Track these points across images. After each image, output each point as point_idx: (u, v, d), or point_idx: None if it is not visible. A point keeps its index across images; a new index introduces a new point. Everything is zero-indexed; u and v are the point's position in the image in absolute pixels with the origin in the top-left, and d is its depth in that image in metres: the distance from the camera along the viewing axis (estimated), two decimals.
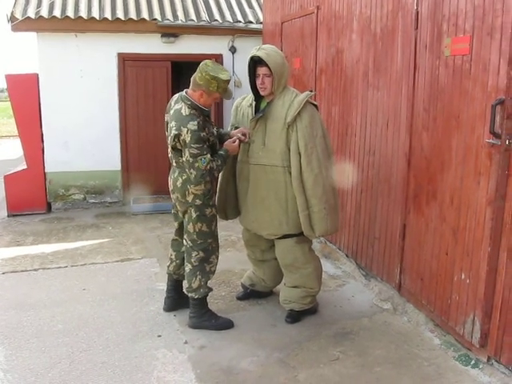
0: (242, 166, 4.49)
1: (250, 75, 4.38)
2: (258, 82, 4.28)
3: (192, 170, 4.04)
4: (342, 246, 5.94)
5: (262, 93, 4.33)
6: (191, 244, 4.33)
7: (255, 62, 4.28)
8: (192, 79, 4.13)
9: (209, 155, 4.04)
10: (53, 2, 8.27)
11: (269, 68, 4.17)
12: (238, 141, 4.29)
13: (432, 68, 4.15)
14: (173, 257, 4.67)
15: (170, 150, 4.25)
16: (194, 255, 4.33)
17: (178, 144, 4.09)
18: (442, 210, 4.10)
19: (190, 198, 4.21)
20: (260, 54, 4.18)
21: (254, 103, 4.44)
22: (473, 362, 3.83)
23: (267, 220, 4.39)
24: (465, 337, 3.89)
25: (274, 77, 4.20)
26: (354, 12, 5.38)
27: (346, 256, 5.83)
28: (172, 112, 4.15)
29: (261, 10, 9.04)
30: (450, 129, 3.97)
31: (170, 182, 4.36)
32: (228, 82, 4.11)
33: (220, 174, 4.53)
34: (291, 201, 4.26)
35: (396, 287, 4.81)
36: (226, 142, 4.32)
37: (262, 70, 4.23)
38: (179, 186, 4.23)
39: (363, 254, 5.42)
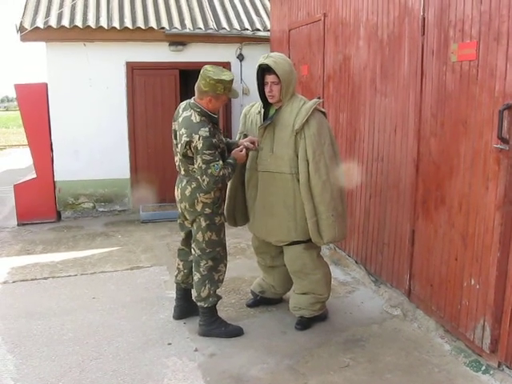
0: (250, 173, 4.51)
1: (258, 83, 4.40)
2: (267, 89, 4.30)
3: (205, 177, 4.03)
4: (351, 253, 5.93)
5: (270, 100, 4.34)
6: (200, 253, 4.33)
7: (263, 70, 4.30)
8: (196, 87, 4.13)
9: (221, 161, 4.05)
10: (61, 11, 8.33)
11: (277, 76, 4.19)
12: (244, 150, 4.31)
13: (439, 74, 4.15)
14: (180, 266, 4.67)
15: (178, 158, 4.26)
16: (202, 264, 4.33)
17: (188, 151, 4.09)
18: (451, 216, 4.10)
19: (199, 207, 4.22)
20: (268, 61, 4.20)
21: (262, 110, 4.46)
22: (483, 367, 3.81)
23: (276, 227, 4.40)
24: (475, 342, 3.87)
25: (282, 84, 4.22)
26: (360, 19, 5.39)
27: (356, 262, 5.82)
28: (181, 119, 4.16)
29: (268, 17, 9.07)
30: (457, 134, 3.97)
31: (178, 192, 4.35)
32: (232, 81, 4.12)
33: (229, 182, 4.55)
34: (299, 207, 4.26)
35: (406, 293, 4.80)
36: (233, 151, 4.33)
37: (270, 78, 4.25)
38: (188, 194, 4.23)
39: (372, 260, 5.41)
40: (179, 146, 4.16)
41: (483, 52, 3.62)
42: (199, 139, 3.96)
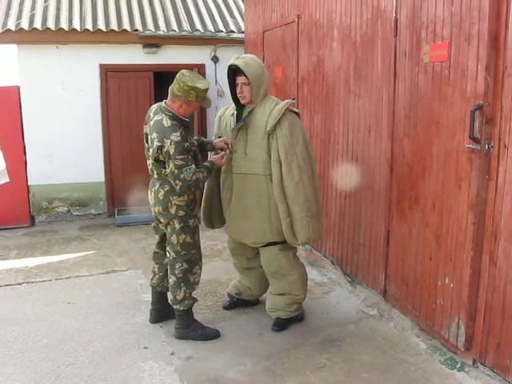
0: (225, 176, 4.51)
1: (229, 84, 4.39)
2: (237, 90, 4.30)
3: (177, 181, 4.02)
4: (327, 253, 5.95)
5: (241, 101, 4.35)
6: (175, 255, 4.31)
7: (234, 71, 4.30)
8: (170, 90, 4.10)
9: (193, 165, 4.03)
10: (33, 13, 8.24)
11: (247, 77, 4.19)
12: (225, 156, 4.31)
13: (412, 75, 4.19)
14: (156, 269, 4.65)
15: (150, 161, 4.23)
16: (177, 267, 4.31)
17: (160, 156, 4.06)
18: (425, 216, 4.14)
19: (173, 210, 4.20)
20: (238, 62, 4.20)
21: (235, 112, 4.45)
22: (458, 365, 3.85)
23: (251, 228, 4.40)
24: (450, 341, 3.92)
25: (253, 85, 4.22)
26: (334, 20, 5.42)
27: (332, 263, 5.84)
28: (152, 123, 4.12)
29: (242, 19, 9.07)
30: (430, 135, 4.01)
31: (151, 196, 4.33)
32: (206, 90, 4.09)
33: (205, 184, 4.55)
34: (274, 209, 4.27)
35: (381, 293, 4.83)
36: (213, 156, 4.34)
37: (240, 79, 4.26)
38: (161, 198, 4.21)
39: (348, 261, 5.43)
40: (151, 150, 4.13)
41: (455, 53, 3.67)
42: (171, 144, 3.94)
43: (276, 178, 4.19)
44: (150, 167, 4.29)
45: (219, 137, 4.51)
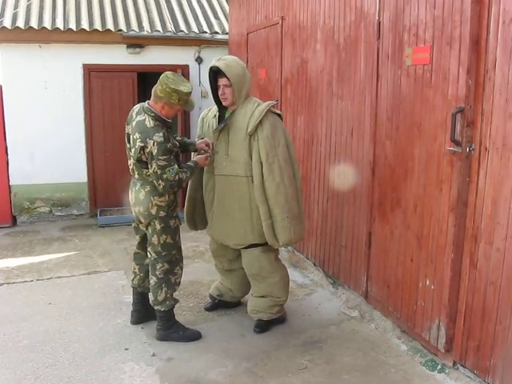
0: (207, 177, 4.50)
1: (211, 86, 4.39)
2: (219, 92, 4.30)
3: (160, 181, 4.02)
4: (309, 255, 5.96)
5: (223, 103, 4.35)
6: (156, 256, 4.29)
7: (216, 73, 4.30)
8: (153, 91, 4.10)
9: (176, 166, 4.03)
10: (16, 12, 8.18)
11: (228, 79, 4.19)
12: (209, 158, 4.32)
13: (394, 77, 4.21)
14: (136, 270, 4.63)
15: (132, 161, 4.22)
16: (158, 267, 4.30)
17: (143, 156, 4.05)
18: (406, 218, 4.16)
19: (153, 210, 4.19)
20: (219, 64, 4.20)
21: (217, 114, 4.45)
22: (439, 366, 3.88)
23: (232, 230, 4.39)
24: (431, 342, 3.94)
25: (234, 87, 4.21)
26: (317, 22, 5.43)
27: (314, 265, 5.85)
28: (134, 124, 4.11)
29: (227, 20, 9.06)
30: (412, 137, 4.03)
31: (132, 196, 4.32)
32: (189, 94, 4.09)
33: (188, 185, 4.54)
34: (255, 210, 4.26)
35: (363, 295, 4.84)
36: (197, 156, 4.36)
37: (222, 81, 4.26)
38: (142, 198, 4.20)
39: (330, 263, 5.44)
40: (133, 150, 4.13)
41: (436, 56, 3.69)
42: (154, 145, 3.94)
43: (257, 179, 4.18)
44: (131, 167, 4.28)
45: (202, 138, 4.50)
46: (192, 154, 4.61)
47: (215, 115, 4.48)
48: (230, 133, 4.30)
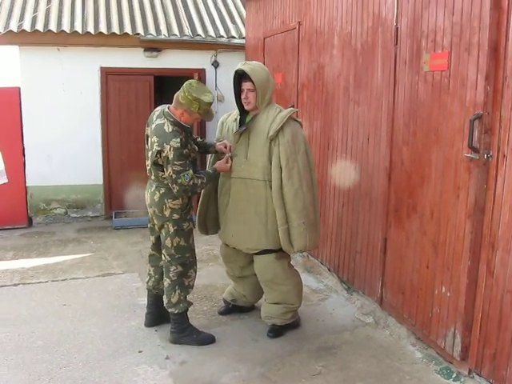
0: (223, 180, 4.50)
1: (235, 89, 4.40)
2: (243, 96, 4.31)
3: (175, 185, 4.05)
4: (324, 260, 5.94)
5: (246, 107, 4.35)
6: (169, 258, 4.31)
7: (240, 77, 4.31)
8: (175, 97, 4.13)
9: (191, 171, 4.05)
10: (35, 15, 8.26)
11: (253, 83, 4.20)
12: (230, 161, 4.32)
13: (411, 83, 4.20)
14: (151, 272, 4.65)
15: (148, 163, 4.26)
16: (172, 270, 4.31)
17: (159, 160, 4.09)
18: (423, 224, 4.13)
19: (167, 213, 4.21)
20: (244, 68, 4.21)
21: (238, 118, 4.46)
22: (454, 375, 3.84)
23: (246, 234, 4.39)
24: (446, 350, 3.90)
25: (258, 92, 4.23)
26: (334, 28, 5.43)
27: (328, 270, 5.84)
28: (154, 126, 4.14)
29: (243, 25, 9.08)
30: (429, 143, 4.01)
31: (147, 196, 4.36)
32: (210, 104, 4.11)
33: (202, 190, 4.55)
34: (271, 215, 4.26)
35: (378, 301, 4.82)
36: (218, 162, 4.39)
37: (246, 85, 4.27)
38: (156, 200, 4.23)
39: (345, 268, 5.42)
40: (150, 153, 4.17)
41: (455, 62, 3.67)
42: (170, 150, 3.97)
43: (276, 184, 4.18)
44: (148, 168, 4.31)
45: (220, 141, 4.51)
46: (208, 156, 4.62)
47: (236, 119, 4.49)
48: (250, 136, 4.31)
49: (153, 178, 4.28)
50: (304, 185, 4.20)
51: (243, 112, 4.45)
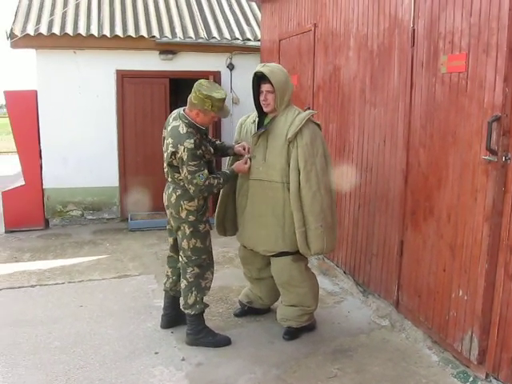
0: (241, 181, 4.51)
1: (253, 91, 4.41)
2: (261, 98, 4.31)
3: (191, 186, 4.08)
4: (339, 263, 5.93)
5: (264, 109, 4.36)
6: (186, 260, 4.33)
7: (259, 79, 4.31)
8: (188, 98, 4.16)
9: (206, 171, 4.07)
10: (52, 19, 8.32)
11: (272, 85, 4.20)
12: (249, 161, 4.33)
13: (428, 85, 4.18)
14: (169, 273, 4.67)
15: (165, 165, 4.28)
16: (189, 271, 4.33)
17: (174, 161, 4.13)
18: (440, 227, 4.11)
19: (183, 214, 4.23)
20: (264, 70, 4.22)
21: (257, 119, 4.47)
22: (471, 379, 3.81)
23: (263, 236, 4.39)
24: (463, 354, 3.88)
25: (277, 93, 4.23)
26: (351, 30, 5.42)
27: (344, 273, 5.82)
28: (169, 129, 4.18)
29: (259, 27, 9.08)
30: (446, 145, 3.99)
31: (165, 198, 4.39)
32: (223, 100, 4.11)
33: (221, 190, 4.55)
34: (288, 217, 4.26)
35: (394, 304, 4.80)
36: (236, 163, 4.40)
37: (265, 87, 4.27)
38: (173, 201, 4.26)
39: (361, 271, 5.41)
40: (165, 154, 4.20)
41: (472, 64, 3.65)
42: (184, 150, 3.99)
43: (293, 186, 4.18)
44: (165, 170, 4.34)
45: (239, 143, 4.52)
46: (227, 158, 4.64)
47: (254, 121, 4.50)
48: (269, 138, 4.31)
49: (169, 179, 4.32)
50: (322, 188, 4.19)
51: (261, 114, 4.45)
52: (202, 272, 4.37)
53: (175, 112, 4.31)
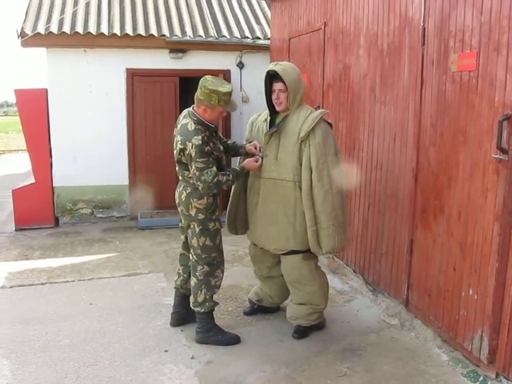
0: (253, 180, 4.52)
1: (266, 90, 4.41)
2: (274, 96, 4.31)
3: (199, 183, 4.09)
4: (349, 262, 5.92)
5: (277, 108, 4.36)
6: (196, 258, 4.34)
7: (271, 77, 4.31)
8: (195, 96, 4.17)
9: (214, 168, 4.08)
10: (62, 17, 8.35)
11: (284, 83, 4.20)
12: (260, 160, 4.34)
13: (439, 84, 4.16)
14: (180, 271, 4.68)
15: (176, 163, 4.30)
16: (199, 269, 4.34)
17: (182, 158, 4.15)
18: (450, 226, 4.09)
19: (193, 212, 4.25)
20: (276, 68, 4.22)
21: (269, 118, 4.47)
22: (481, 378, 3.79)
23: (274, 234, 4.39)
24: (473, 353, 3.86)
25: (289, 92, 4.23)
26: (361, 28, 5.41)
27: (354, 271, 5.81)
28: (179, 126, 4.21)
29: (268, 26, 9.09)
30: (456, 144, 3.97)
31: (176, 196, 4.42)
32: (229, 94, 4.12)
33: (232, 188, 4.56)
34: (299, 216, 4.26)
35: (403, 303, 4.79)
36: (247, 160, 4.40)
37: (277, 86, 4.27)
38: (183, 199, 4.28)
39: (370, 270, 5.40)
40: (174, 152, 4.22)
41: (483, 62, 3.64)
42: (192, 147, 4.01)
43: (305, 185, 4.17)
44: (177, 168, 4.36)
45: (250, 141, 4.53)
46: (239, 158, 4.65)
47: (266, 119, 4.50)
48: (281, 137, 4.31)
49: (180, 177, 4.34)
50: (334, 187, 4.19)
51: (273, 112, 4.45)
52: (212, 270, 4.37)
53: (185, 110, 4.33)
